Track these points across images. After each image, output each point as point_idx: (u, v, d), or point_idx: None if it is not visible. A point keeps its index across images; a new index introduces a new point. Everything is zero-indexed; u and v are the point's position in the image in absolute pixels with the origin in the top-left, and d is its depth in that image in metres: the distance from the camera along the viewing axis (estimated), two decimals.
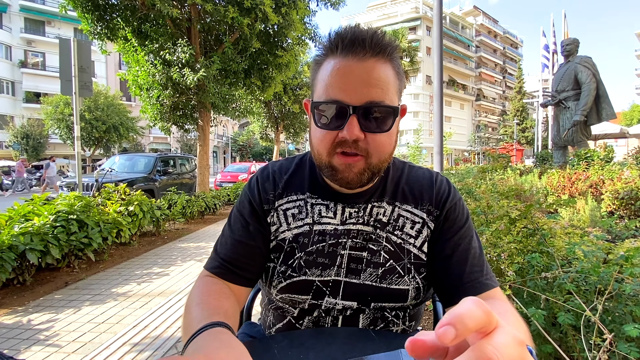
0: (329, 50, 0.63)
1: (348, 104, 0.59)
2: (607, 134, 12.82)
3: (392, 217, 0.71)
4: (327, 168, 0.65)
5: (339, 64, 0.61)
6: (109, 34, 6.87)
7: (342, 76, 0.60)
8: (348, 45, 0.61)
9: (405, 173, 0.77)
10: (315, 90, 0.65)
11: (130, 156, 8.90)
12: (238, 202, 0.77)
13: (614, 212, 3.62)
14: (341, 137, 0.61)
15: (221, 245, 0.73)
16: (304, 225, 0.72)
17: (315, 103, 0.62)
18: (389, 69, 0.63)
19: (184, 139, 32.73)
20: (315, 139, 0.65)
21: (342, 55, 0.61)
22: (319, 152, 0.65)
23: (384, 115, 0.61)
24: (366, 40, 0.60)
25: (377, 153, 0.63)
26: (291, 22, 7.33)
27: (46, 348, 2.16)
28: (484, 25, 57.83)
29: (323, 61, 0.64)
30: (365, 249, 0.70)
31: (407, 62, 22.77)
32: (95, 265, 3.92)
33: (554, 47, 13.63)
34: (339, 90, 0.60)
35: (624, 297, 1.26)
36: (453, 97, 50.30)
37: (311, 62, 0.70)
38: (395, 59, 0.65)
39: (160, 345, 2.19)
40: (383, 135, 0.62)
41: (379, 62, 0.61)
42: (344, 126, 0.60)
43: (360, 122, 0.60)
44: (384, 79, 0.61)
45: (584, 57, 7.42)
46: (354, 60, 0.60)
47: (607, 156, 6.60)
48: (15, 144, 23.28)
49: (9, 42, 28.57)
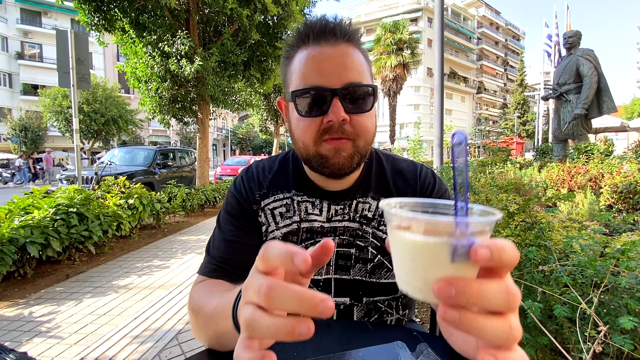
0: (300, 42, 0.63)
1: (329, 87, 0.59)
2: (607, 128, 12.77)
3: (377, 212, 0.71)
4: (316, 157, 0.64)
5: (312, 52, 0.61)
6: (107, 25, 6.78)
7: (318, 61, 0.60)
8: (319, 34, 0.61)
9: (390, 166, 0.76)
10: (290, 83, 0.64)
11: (129, 149, 8.88)
12: (225, 204, 0.76)
13: (612, 205, 3.63)
14: (327, 122, 0.60)
15: (214, 249, 0.72)
16: (292, 223, 0.72)
17: (295, 92, 0.61)
18: (359, 55, 0.64)
19: (184, 131, 32.60)
20: (299, 130, 0.64)
21: (315, 44, 0.61)
22: (305, 143, 0.63)
23: (364, 96, 0.62)
24: (336, 28, 0.61)
25: (363, 135, 0.63)
26: (291, 13, 7.24)
27: (48, 340, 2.18)
28: (486, 16, 57.13)
29: (294, 54, 0.64)
30: (352, 245, 0.70)
31: (407, 54, 22.54)
32: (96, 258, 3.95)
33: (557, 38, 13.49)
34: (317, 76, 0.60)
35: (619, 290, 1.27)
36: (454, 90, 49.97)
37: (281, 60, 0.69)
38: (362, 46, 0.66)
39: (161, 337, 2.22)
40: (366, 115, 0.63)
41: (350, 47, 0.62)
42: (328, 111, 0.59)
43: (343, 105, 0.60)
44: (358, 62, 0.62)
45: (585, 50, 7.35)
46: (327, 46, 0.61)
47: (607, 150, 6.59)
48: (13, 136, 23.19)
49: (5, 33, 28.25)
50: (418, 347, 0.51)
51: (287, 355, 0.52)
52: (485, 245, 0.24)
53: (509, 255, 0.25)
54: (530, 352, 1.32)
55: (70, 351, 2.05)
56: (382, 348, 0.52)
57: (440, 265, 0.27)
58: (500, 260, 0.25)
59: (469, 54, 53.29)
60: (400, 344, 0.52)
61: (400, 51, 22.47)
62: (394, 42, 22.28)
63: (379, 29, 23.39)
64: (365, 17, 47.42)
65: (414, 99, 43.94)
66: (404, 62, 22.46)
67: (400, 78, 22.79)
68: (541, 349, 1.38)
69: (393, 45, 22.35)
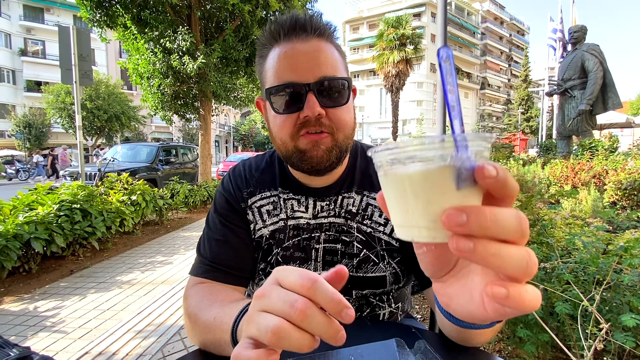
0: (271, 40, 0.63)
1: (303, 82, 0.59)
2: (612, 124, 12.65)
3: (360, 206, 0.72)
4: (295, 153, 0.63)
5: (284, 48, 0.61)
6: (108, 21, 6.78)
7: (290, 58, 0.60)
8: (290, 30, 0.61)
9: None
10: (265, 82, 0.64)
11: (132, 145, 8.90)
12: (214, 204, 0.77)
13: (616, 202, 3.60)
14: (303, 118, 0.60)
15: (205, 249, 0.73)
16: (279, 221, 0.72)
17: (270, 89, 0.61)
18: (333, 49, 0.63)
19: (186, 128, 32.65)
20: (276, 127, 0.64)
21: (286, 40, 0.61)
22: (283, 140, 0.63)
23: (340, 89, 0.62)
24: (306, 24, 0.61)
25: (342, 128, 0.63)
26: (293, 9, 7.19)
27: (52, 334, 2.21)
28: (490, 11, 56.50)
29: (267, 53, 0.64)
30: (338, 240, 0.71)
31: (410, 49, 22.36)
32: (100, 254, 3.98)
33: (561, 35, 13.32)
34: (290, 72, 0.60)
35: (622, 288, 1.26)
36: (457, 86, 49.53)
37: (256, 58, 0.69)
38: (335, 40, 0.65)
39: (164, 332, 2.24)
40: (342, 109, 0.62)
41: (321, 42, 0.62)
42: (303, 106, 0.59)
43: (318, 99, 0.59)
44: (331, 57, 0.62)
45: (591, 45, 7.26)
46: (298, 42, 0.61)
47: (612, 146, 6.53)
48: (17, 133, 23.33)
49: (8, 29, 28.30)
50: (416, 344, 0.51)
51: (285, 352, 0.52)
52: (489, 163, 0.23)
53: (512, 179, 0.24)
54: (531, 348, 1.32)
55: (74, 345, 2.07)
56: (380, 345, 0.52)
57: (444, 194, 0.25)
58: (505, 181, 0.23)
59: (472, 50, 52.81)
60: (398, 341, 0.52)
61: (403, 47, 22.29)
62: (397, 38, 22.10)
63: (381, 24, 23.20)
64: (368, 12, 47.05)
65: (417, 95, 43.68)
66: (406, 58, 22.29)
67: (403, 74, 22.64)
68: (542, 346, 1.38)
69: (396, 41, 22.17)
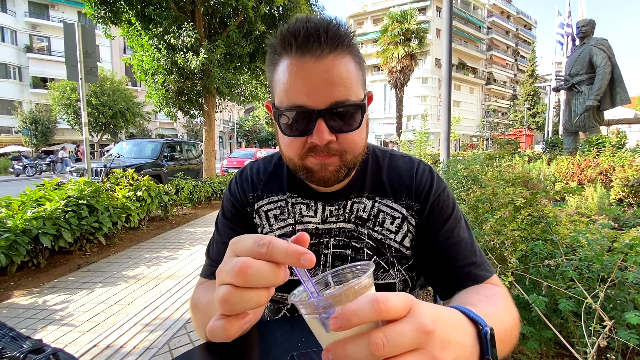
0: (282, 48, 0.58)
1: (313, 108, 0.56)
2: (620, 119, 12.47)
3: (372, 212, 0.70)
4: (302, 170, 0.62)
5: (296, 66, 0.56)
6: (113, 17, 6.80)
7: (302, 79, 0.56)
8: (303, 43, 0.56)
9: (386, 164, 0.74)
10: (275, 93, 0.61)
11: (137, 142, 8.97)
12: (222, 208, 0.77)
13: (623, 199, 3.57)
14: (311, 143, 0.58)
15: (213, 252, 0.73)
16: (287, 225, 0.72)
17: (278, 111, 0.58)
18: (349, 62, 0.58)
19: (190, 124, 32.77)
20: (284, 145, 0.62)
21: (298, 55, 0.56)
22: (290, 157, 0.62)
23: (352, 113, 0.58)
24: (321, 35, 0.55)
25: (351, 151, 0.61)
26: (297, 4, 7.16)
27: (61, 327, 2.26)
28: (496, 5, 55.67)
29: (278, 61, 0.59)
30: (348, 246, 0.70)
31: (415, 44, 22.15)
32: (106, 249, 4.03)
33: (569, 29, 13.11)
34: (301, 94, 0.56)
35: (626, 285, 1.26)
36: (462, 81, 49.12)
37: (266, 61, 0.64)
38: (353, 48, 0.60)
39: (170, 326, 2.28)
40: (354, 133, 0.60)
41: (337, 58, 0.57)
42: (312, 131, 0.57)
43: (328, 125, 0.57)
44: (346, 75, 0.57)
45: (599, 39, 7.13)
46: (311, 60, 0.55)
47: (619, 142, 6.45)
48: (24, 129, 23.58)
49: (13, 26, 28.48)
50: None
51: (292, 345, 0.53)
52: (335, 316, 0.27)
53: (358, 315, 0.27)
54: (534, 345, 1.32)
55: (82, 339, 2.12)
56: None
57: (322, 335, 0.31)
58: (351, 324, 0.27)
59: (478, 44, 52.17)
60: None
61: (408, 41, 22.09)
62: (402, 33, 21.91)
63: (386, 19, 23.00)
64: (373, 6, 46.58)
65: (422, 91, 43.33)
66: (411, 53, 22.11)
67: (408, 69, 22.47)
68: (545, 343, 1.38)
69: (400, 36, 21.98)
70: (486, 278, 0.63)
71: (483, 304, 0.51)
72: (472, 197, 1.91)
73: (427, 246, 0.67)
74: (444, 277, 0.65)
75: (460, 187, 2.91)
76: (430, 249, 0.67)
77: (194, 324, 0.62)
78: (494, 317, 0.45)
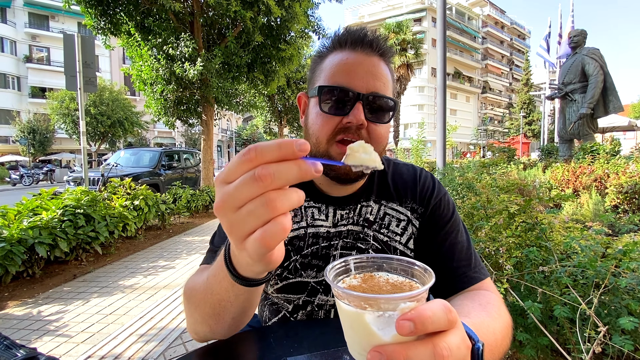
0: (337, 44, 0.67)
1: (355, 90, 0.62)
2: (615, 127, 12.62)
3: (378, 215, 0.73)
4: (323, 156, 0.65)
5: (347, 56, 0.65)
6: (113, 28, 6.88)
7: (350, 65, 0.63)
8: (357, 42, 0.65)
9: (391, 170, 0.78)
10: (317, 80, 0.67)
11: (135, 151, 8.98)
12: None
13: (618, 206, 3.60)
14: (346, 123, 0.62)
15: (218, 240, 0.72)
16: (299, 228, 0.73)
17: (322, 87, 0.64)
18: (388, 71, 0.67)
19: (189, 133, 32.85)
20: (316, 125, 0.65)
21: (350, 50, 0.65)
22: (319, 139, 0.65)
23: (386, 107, 0.65)
24: (373, 41, 0.65)
25: (377, 144, 0.64)
26: (294, 15, 7.27)
27: (56, 338, 2.23)
28: (490, 16, 56.75)
29: (328, 54, 0.68)
30: (354, 247, 0.72)
31: (411, 54, 22.50)
32: (103, 259, 4.00)
33: (559, 38, 13.39)
34: (347, 78, 0.63)
35: (620, 291, 1.27)
36: (459, 90, 49.69)
37: (313, 55, 0.73)
38: (391, 64, 0.69)
39: (166, 336, 2.25)
40: (383, 126, 0.65)
41: (381, 62, 0.66)
42: (349, 112, 0.62)
43: (365, 110, 0.62)
44: (386, 77, 0.66)
45: (591, 49, 7.28)
46: (361, 55, 0.64)
47: (613, 150, 6.52)
48: (22, 139, 23.55)
49: (13, 37, 28.70)
50: None
51: (284, 350, 0.54)
52: (409, 318, 0.26)
53: (434, 323, 0.26)
54: (531, 352, 1.32)
55: (77, 349, 2.09)
56: None
57: (371, 334, 0.28)
58: (425, 330, 0.26)
59: (473, 54, 52.96)
60: None
61: (404, 51, 22.45)
62: (398, 43, 22.26)
63: (382, 30, 23.36)
64: (369, 17, 47.38)
65: (418, 99, 43.77)
66: (407, 63, 22.44)
67: (404, 78, 22.76)
68: (542, 350, 1.38)
69: (397, 46, 22.32)
70: (479, 280, 0.65)
71: (477, 312, 0.53)
72: (467, 204, 1.92)
73: (426, 247, 0.71)
74: (440, 278, 0.67)
75: (455, 194, 2.93)
76: (429, 250, 0.70)
77: (189, 318, 0.56)
78: (486, 327, 0.48)
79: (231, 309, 0.48)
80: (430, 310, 0.27)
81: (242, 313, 0.50)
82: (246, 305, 0.49)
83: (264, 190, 0.29)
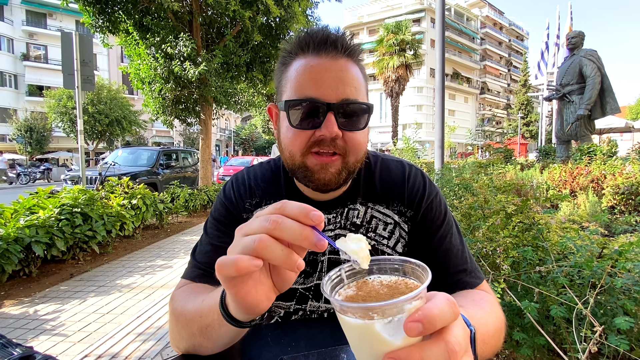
0: (299, 49, 0.61)
1: (324, 101, 0.58)
2: (612, 128, 12.68)
3: (365, 219, 0.71)
4: (301, 169, 0.62)
5: (311, 62, 0.59)
6: (111, 27, 6.86)
7: (316, 73, 0.59)
8: (320, 44, 0.59)
9: (378, 169, 0.74)
10: (284, 91, 0.63)
11: (133, 150, 8.95)
12: (213, 210, 0.75)
13: (615, 207, 3.62)
14: (319, 136, 0.59)
15: (200, 254, 0.70)
16: None
17: (289, 101, 0.59)
18: (358, 71, 0.63)
19: (187, 132, 32.76)
20: (288, 139, 0.62)
21: (314, 54, 0.60)
22: (292, 153, 0.62)
23: (360, 113, 0.61)
24: (337, 41, 0.60)
25: (354, 152, 0.61)
26: (293, 15, 7.27)
27: (52, 337, 2.22)
28: (489, 17, 56.90)
29: (292, 61, 0.62)
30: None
31: (410, 55, 22.52)
32: (100, 258, 3.99)
33: (557, 40, 13.46)
34: (314, 88, 0.58)
35: (616, 291, 1.28)
36: (457, 91, 49.80)
37: (277, 63, 0.68)
38: (361, 62, 0.65)
39: (163, 335, 2.25)
40: (359, 133, 0.61)
41: (349, 63, 0.61)
42: (321, 124, 0.58)
43: (337, 120, 0.58)
44: (356, 79, 0.61)
45: (589, 51, 7.31)
46: (326, 59, 0.59)
47: (610, 151, 6.55)
48: (19, 137, 23.43)
49: (10, 34, 28.53)
50: None
51: (282, 349, 0.54)
52: (417, 319, 0.26)
53: (442, 320, 0.27)
54: (527, 351, 1.33)
55: (74, 349, 2.08)
56: None
57: (382, 342, 0.28)
58: (434, 328, 0.26)
59: (472, 55, 53.08)
60: None
61: (403, 52, 22.47)
62: (397, 43, 22.29)
63: (381, 30, 23.40)
64: (368, 17, 47.40)
65: (417, 100, 43.84)
66: (406, 63, 22.46)
67: (403, 79, 22.79)
68: (538, 349, 1.38)
69: (395, 46, 22.35)
70: (475, 285, 0.64)
71: (470, 306, 0.53)
72: (464, 204, 1.93)
73: (419, 253, 0.68)
74: (435, 284, 0.66)
75: (452, 195, 2.94)
76: (422, 257, 0.67)
77: (174, 328, 0.58)
78: (478, 319, 0.47)
79: (217, 334, 0.50)
80: (437, 309, 0.27)
81: (230, 342, 0.52)
82: (233, 336, 0.51)
83: (266, 231, 0.34)
